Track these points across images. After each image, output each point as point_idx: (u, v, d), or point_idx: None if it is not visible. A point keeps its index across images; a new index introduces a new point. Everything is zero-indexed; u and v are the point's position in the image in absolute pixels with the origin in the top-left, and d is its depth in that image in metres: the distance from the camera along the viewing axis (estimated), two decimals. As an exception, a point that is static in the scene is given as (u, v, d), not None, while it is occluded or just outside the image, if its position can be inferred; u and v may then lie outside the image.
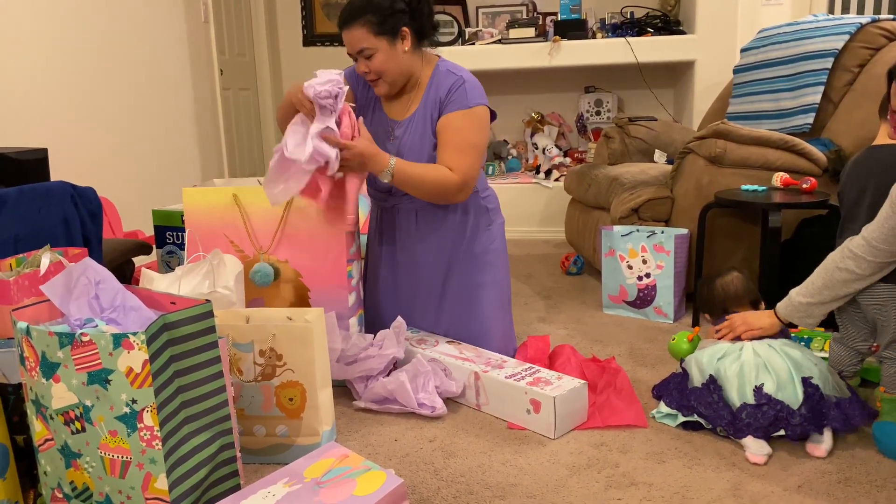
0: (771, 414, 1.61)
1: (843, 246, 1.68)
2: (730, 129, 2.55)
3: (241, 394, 1.64)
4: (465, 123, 1.98)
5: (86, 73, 3.18)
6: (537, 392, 1.74)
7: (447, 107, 1.99)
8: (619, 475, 1.56)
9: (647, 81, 4.23)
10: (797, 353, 1.72)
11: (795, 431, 1.60)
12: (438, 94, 2.01)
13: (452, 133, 1.98)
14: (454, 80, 2.01)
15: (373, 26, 1.91)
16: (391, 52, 1.95)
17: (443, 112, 2.00)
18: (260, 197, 1.98)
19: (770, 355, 1.71)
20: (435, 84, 2.03)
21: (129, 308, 1.39)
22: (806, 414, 1.60)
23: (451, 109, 1.99)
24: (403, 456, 1.67)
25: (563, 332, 2.49)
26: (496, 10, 4.54)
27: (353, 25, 1.92)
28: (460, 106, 1.98)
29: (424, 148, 2.03)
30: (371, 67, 1.95)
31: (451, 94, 1.99)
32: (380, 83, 2.00)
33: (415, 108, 2.05)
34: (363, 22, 1.91)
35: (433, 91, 2.03)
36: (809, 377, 1.65)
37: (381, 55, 1.94)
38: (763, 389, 1.64)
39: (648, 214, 2.71)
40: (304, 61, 5.27)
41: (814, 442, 1.61)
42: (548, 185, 4.13)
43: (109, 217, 2.91)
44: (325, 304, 1.99)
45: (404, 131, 2.06)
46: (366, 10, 1.91)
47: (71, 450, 1.29)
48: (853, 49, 2.85)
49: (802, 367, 1.68)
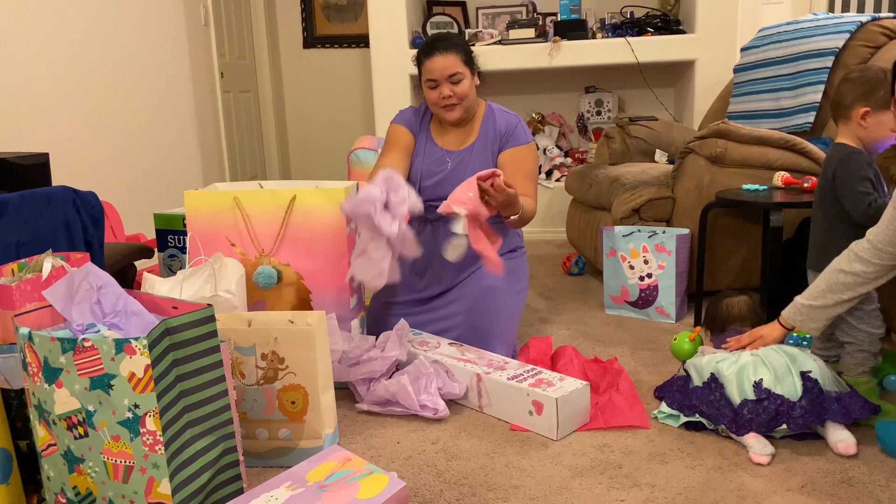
0: (772, 409, 1.61)
1: (849, 249, 1.68)
2: (730, 129, 2.55)
3: (243, 397, 1.64)
4: (529, 156, 2.27)
5: (86, 78, 3.18)
6: (539, 393, 1.74)
7: (510, 141, 2.25)
8: (621, 476, 1.56)
9: (647, 81, 4.23)
10: (794, 350, 1.74)
11: (798, 424, 1.60)
12: (498, 128, 2.27)
13: (521, 164, 2.24)
14: (511, 117, 2.29)
15: (461, 57, 2.18)
16: (471, 82, 2.22)
17: (504, 146, 2.25)
18: (261, 199, 1.99)
19: (766, 352, 1.73)
20: (492, 120, 2.28)
21: (131, 313, 1.39)
22: (806, 406, 1.61)
23: (515, 143, 2.25)
24: (406, 458, 1.67)
25: (564, 332, 2.49)
26: (496, 11, 4.54)
27: (449, 52, 2.16)
28: (523, 141, 2.26)
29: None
30: (456, 91, 2.18)
31: (511, 130, 2.26)
32: (457, 108, 2.21)
33: (473, 140, 2.28)
34: (456, 51, 2.17)
35: (491, 126, 2.27)
36: (808, 371, 1.66)
37: (467, 81, 2.19)
38: (762, 384, 1.65)
39: (650, 214, 2.71)
40: (304, 64, 5.28)
41: (839, 440, 1.60)
42: (549, 185, 4.13)
43: (111, 221, 2.92)
44: (326, 306, 1.99)
45: (461, 161, 2.25)
46: (458, 43, 2.20)
47: (74, 455, 1.29)
48: (854, 47, 2.84)
49: (800, 362, 1.69)
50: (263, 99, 5.17)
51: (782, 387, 1.64)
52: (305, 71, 5.28)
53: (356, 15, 5.11)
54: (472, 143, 2.27)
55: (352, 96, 5.21)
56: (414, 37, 4.21)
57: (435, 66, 2.15)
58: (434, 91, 2.18)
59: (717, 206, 2.45)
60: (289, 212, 1.99)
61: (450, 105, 2.19)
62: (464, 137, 2.29)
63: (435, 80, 2.17)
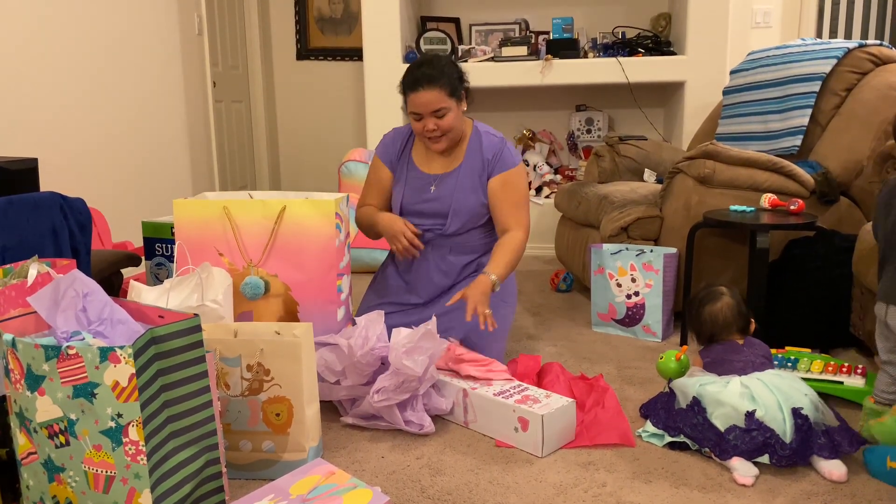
0: (760, 440, 1.60)
1: None
2: (719, 150, 2.58)
3: (227, 408, 1.63)
4: (517, 181, 2.22)
5: (78, 84, 3.18)
6: (525, 410, 1.74)
7: (496, 168, 2.21)
8: (605, 494, 1.56)
9: (637, 101, 4.27)
10: (786, 383, 1.71)
11: (781, 462, 1.60)
12: (484, 154, 2.22)
13: (509, 192, 2.20)
14: (496, 141, 2.24)
15: (447, 90, 2.11)
16: (457, 112, 2.16)
17: (493, 173, 2.21)
18: (250, 210, 1.98)
19: (758, 388, 1.69)
20: (478, 145, 2.23)
21: (117, 321, 1.38)
22: (795, 447, 1.60)
23: (501, 170, 2.20)
24: (390, 473, 1.66)
25: (551, 349, 2.49)
26: (489, 28, 4.57)
27: (433, 87, 2.09)
28: (510, 164, 2.21)
29: (471, 201, 2.21)
30: (440, 125, 2.13)
31: (498, 154, 2.21)
32: (443, 139, 2.17)
33: (458, 163, 2.23)
34: (441, 85, 2.10)
35: (478, 149, 2.22)
36: (799, 408, 1.64)
37: (452, 114, 2.13)
38: (754, 415, 1.63)
39: (638, 233, 2.72)
40: (297, 75, 5.28)
41: (832, 468, 1.59)
42: (538, 202, 4.15)
43: (99, 228, 2.90)
44: (314, 318, 1.99)
45: (446, 185, 2.22)
46: (442, 76, 2.11)
47: (54, 464, 1.28)
48: (840, 73, 2.88)
49: (792, 399, 1.66)
50: (255, 109, 5.17)
51: (773, 422, 1.62)
52: (298, 82, 5.28)
53: (350, 28, 5.13)
54: (457, 167, 2.23)
55: (344, 109, 5.22)
56: (407, 51, 4.23)
57: (419, 101, 2.10)
58: (419, 123, 2.14)
59: (704, 227, 2.47)
60: (278, 223, 1.99)
61: (434, 137, 2.16)
62: (450, 160, 2.25)
63: (419, 114, 2.13)
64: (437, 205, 2.22)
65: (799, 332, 2.34)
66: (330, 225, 1.96)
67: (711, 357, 1.85)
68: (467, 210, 2.21)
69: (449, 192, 2.22)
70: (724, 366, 1.80)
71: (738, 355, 1.80)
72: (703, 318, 1.89)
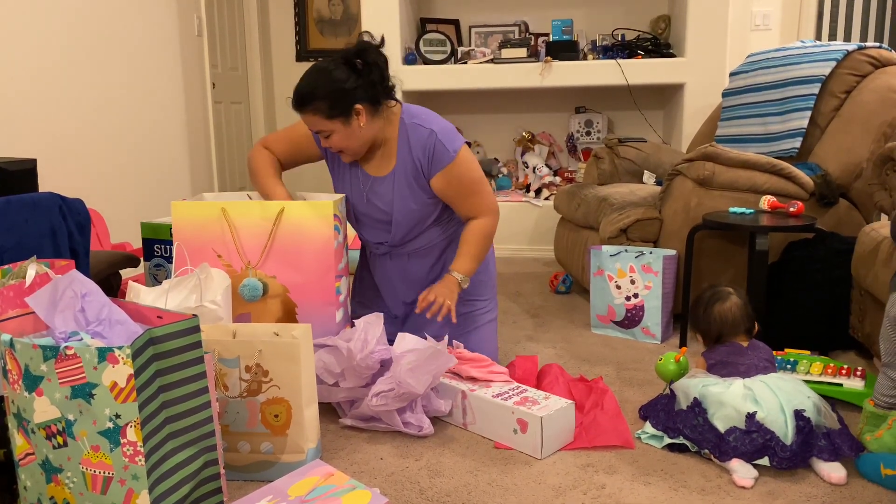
0: (760, 442, 1.60)
1: None
2: (718, 152, 2.58)
3: (225, 410, 1.62)
4: (460, 172, 2.02)
5: (77, 85, 3.17)
6: (524, 412, 1.74)
7: (432, 168, 2.01)
8: (604, 496, 1.55)
9: (636, 103, 4.27)
10: (789, 385, 1.71)
11: (781, 465, 1.60)
12: (415, 154, 2.01)
13: (456, 186, 2.03)
14: (425, 135, 2.00)
15: (323, 112, 1.90)
16: (347, 131, 1.94)
17: (430, 174, 2.02)
18: (249, 211, 1.98)
19: (761, 390, 1.69)
20: (407, 141, 2.03)
21: (115, 322, 1.38)
22: (795, 449, 1.59)
23: (439, 168, 2.00)
24: (389, 475, 1.66)
25: (550, 350, 2.49)
26: (489, 30, 4.57)
27: (304, 111, 1.93)
28: (446, 161, 2.00)
29: (410, 207, 2.07)
30: (330, 145, 1.99)
31: (429, 153, 2.00)
32: (344, 155, 2.03)
33: (392, 166, 2.05)
34: (313, 109, 1.90)
35: (407, 150, 2.03)
36: (802, 409, 1.64)
37: (337, 135, 1.94)
38: (755, 417, 1.63)
39: (637, 235, 2.72)
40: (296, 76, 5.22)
41: (831, 470, 1.59)
42: (537, 203, 4.15)
43: (97, 228, 2.90)
44: (312, 320, 1.98)
45: (386, 188, 2.07)
46: (314, 97, 1.89)
47: (52, 465, 1.27)
48: (840, 75, 2.89)
49: (795, 400, 1.66)
50: (255, 110, 5.17)
51: (774, 424, 1.62)
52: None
53: (350, 29, 5.14)
54: (392, 171, 2.05)
55: (343, 110, 5.22)
56: (407, 53, 4.23)
57: (306, 123, 1.99)
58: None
59: (703, 228, 2.47)
60: (276, 224, 1.98)
61: (336, 153, 2.04)
62: (384, 163, 2.07)
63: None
64: (380, 214, 2.10)
65: (798, 334, 2.34)
66: (328, 226, 1.96)
67: (715, 359, 1.84)
68: (409, 218, 2.08)
69: (388, 200, 2.07)
70: (727, 368, 1.79)
71: (742, 358, 1.80)
72: (712, 318, 1.88)
